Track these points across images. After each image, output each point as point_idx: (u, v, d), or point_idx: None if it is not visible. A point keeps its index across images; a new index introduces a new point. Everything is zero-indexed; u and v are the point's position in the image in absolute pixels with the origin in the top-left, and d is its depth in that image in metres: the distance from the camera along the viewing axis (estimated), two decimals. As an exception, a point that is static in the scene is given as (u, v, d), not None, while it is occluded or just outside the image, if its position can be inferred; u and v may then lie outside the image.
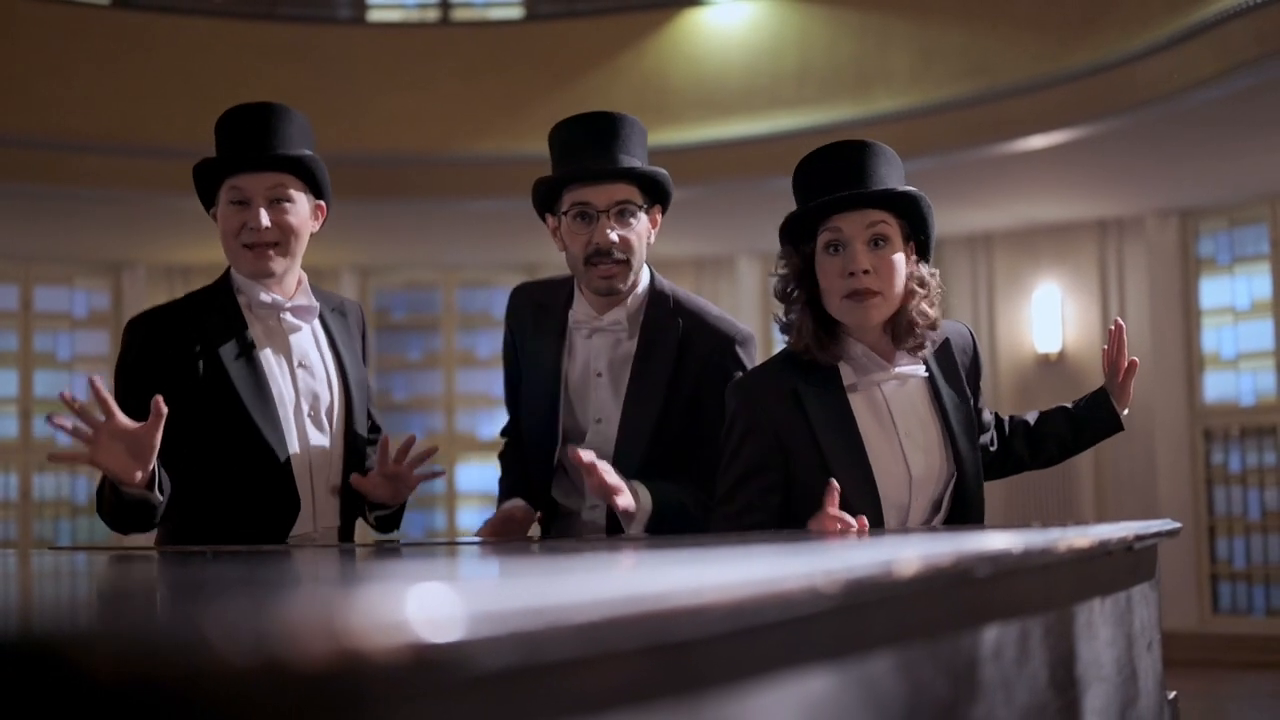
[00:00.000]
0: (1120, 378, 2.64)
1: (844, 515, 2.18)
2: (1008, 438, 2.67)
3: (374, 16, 9.22)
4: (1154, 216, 8.95)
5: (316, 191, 2.60)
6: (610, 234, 2.57)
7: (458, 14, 9.17)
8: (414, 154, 8.44)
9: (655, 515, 2.49)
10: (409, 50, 8.70)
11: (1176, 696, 2.24)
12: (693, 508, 2.51)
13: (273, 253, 2.52)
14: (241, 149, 2.52)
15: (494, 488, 2.89)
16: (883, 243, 2.34)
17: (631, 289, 2.66)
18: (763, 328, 9.56)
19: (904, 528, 2.35)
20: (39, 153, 7.93)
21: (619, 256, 2.59)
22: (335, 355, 2.64)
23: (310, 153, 2.57)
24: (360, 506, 2.67)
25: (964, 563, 1.11)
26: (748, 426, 2.36)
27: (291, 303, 2.58)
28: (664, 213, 2.69)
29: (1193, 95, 6.85)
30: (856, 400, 2.37)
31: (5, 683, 0.46)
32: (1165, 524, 2.06)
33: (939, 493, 2.40)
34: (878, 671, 0.99)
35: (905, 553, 1.00)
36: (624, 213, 2.59)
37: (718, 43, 8.49)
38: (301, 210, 2.56)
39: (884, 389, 2.39)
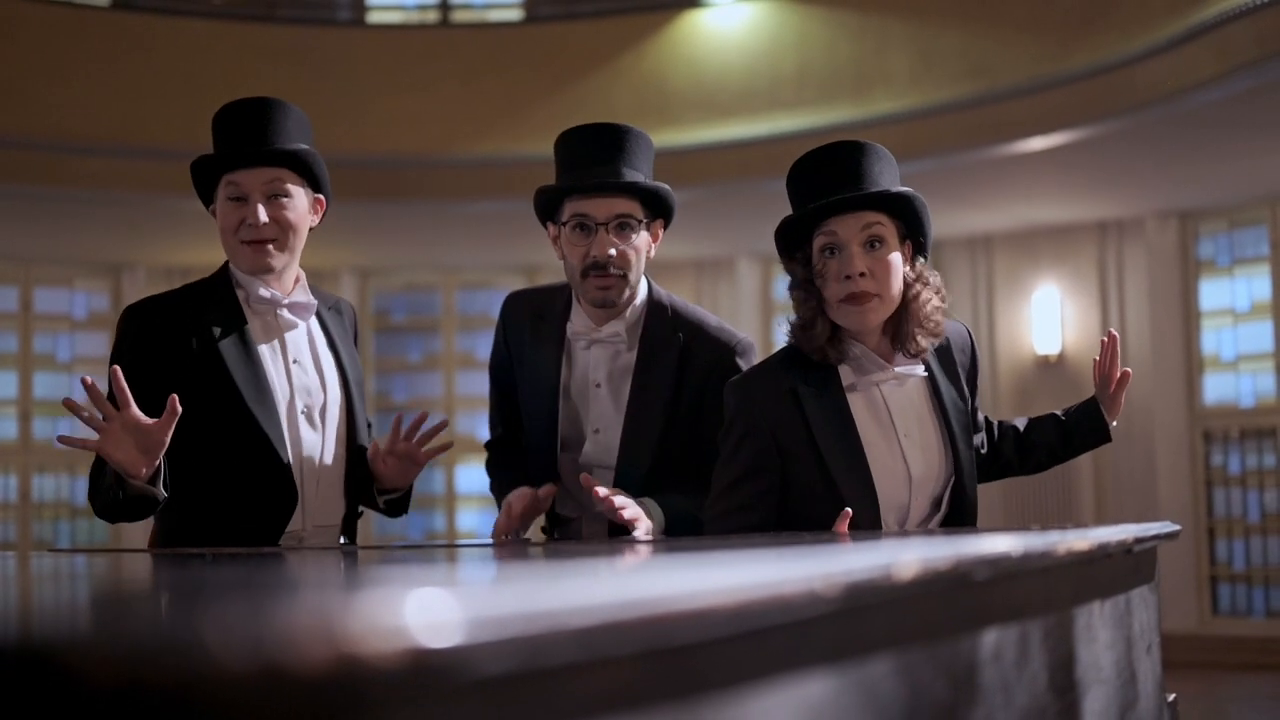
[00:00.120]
0: (1112, 388, 2.63)
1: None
2: (997, 442, 2.67)
3: (374, 18, 9.22)
4: (1154, 218, 8.95)
5: (315, 185, 2.59)
6: (609, 248, 2.57)
7: (457, 16, 9.17)
8: (413, 156, 8.44)
9: (667, 529, 2.54)
10: (408, 52, 8.70)
11: (1176, 699, 2.24)
12: (701, 517, 2.54)
13: (271, 248, 2.52)
14: (238, 144, 2.51)
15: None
16: (879, 244, 2.34)
17: (629, 302, 2.66)
18: (763, 331, 9.56)
19: (903, 528, 2.35)
20: (39, 154, 7.93)
21: (616, 270, 2.58)
22: (334, 354, 2.64)
23: (307, 147, 2.55)
24: (362, 501, 2.68)
25: (963, 566, 1.11)
26: (746, 428, 2.36)
27: (289, 299, 2.57)
28: (666, 227, 2.69)
29: (1193, 97, 6.85)
30: (855, 400, 2.37)
31: (3, 688, 0.46)
32: (1164, 526, 2.06)
33: (938, 492, 2.39)
34: (877, 675, 0.99)
35: (904, 556, 1.00)
36: (624, 226, 2.58)
37: (717, 45, 8.49)
38: (299, 205, 2.55)
39: (883, 389, 2.39)
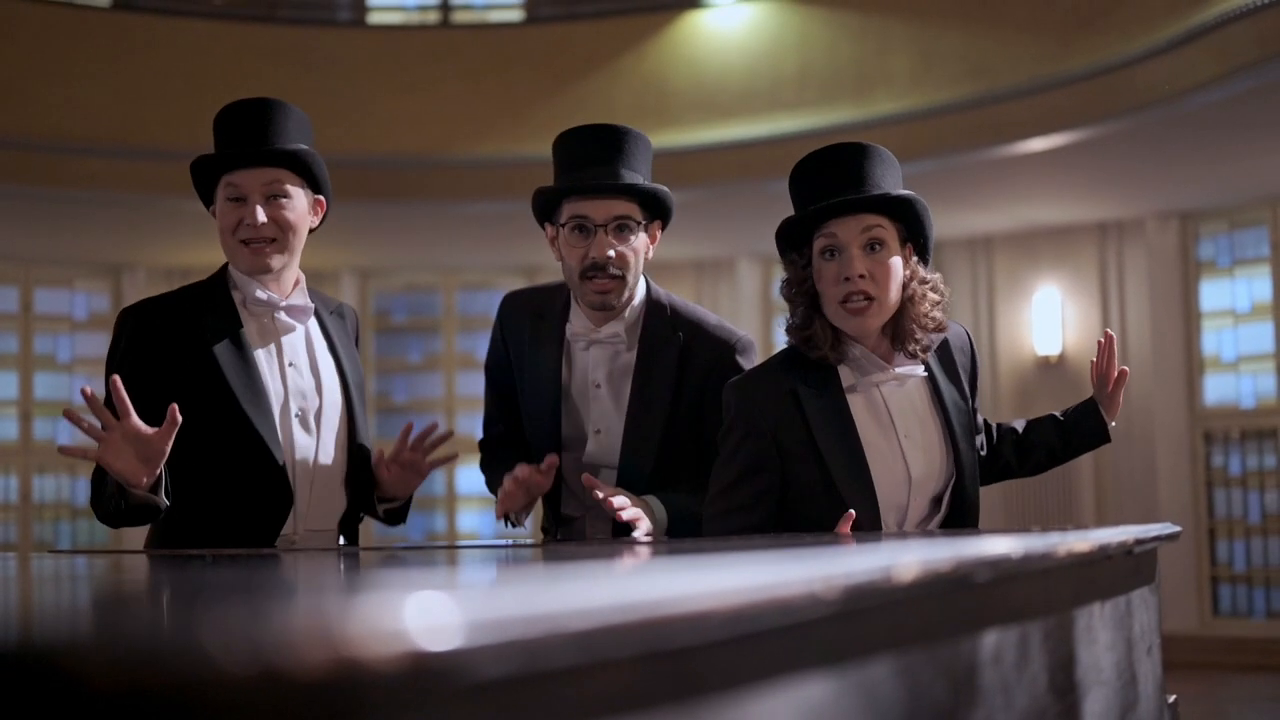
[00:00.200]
0: (1110, 388, 2.63)
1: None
2: (996, 444, 2.67)
3: (374, 19, 9.22)
4: (1154, 219, 8.95)
5: (314, 186, 2.58)
6: (607, 249, 2.57)
7: (458, 16, 9.17)
8: (414, 156, 8.44)
9: (669, 527, 2.54)
10: (409, 53, 8.70)
11: (1176, 700, 2.23)
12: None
13: (270, 249, 2.51)
14: (238, 145, 2.51)
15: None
16: (879, 247, 2.34)
17: (627, 302, 2.66)
18: (763, 330, 9.56)
19: (902, 528, 2.35)
20: (39, 155, 7.93)
21: (614, 272, 2.58)
22: (334, 357, 2.63)
23: (307, 147, 2.54)
24: (361, 508, 2.67)
25: (963, 568, 1.11)
26: (746, 429, 2.36)
27: (287, 302, 2.56)
28: (664, 229, 2.68)
29: (1193, 98, 6.85)
30: (855, 401, 2.37)
31: (3, 690, 0.45)
32: (1165, 528, 2.06)
33: (938, 493, 2.39)
34: (877, 677, 0.99)
35: (904, 558, 1.00)
36: (622, 228, 2.58)
37: (718, 45, 8.49)
38: (299, 205, 2.54)
39: (883, 390, 2.39)
